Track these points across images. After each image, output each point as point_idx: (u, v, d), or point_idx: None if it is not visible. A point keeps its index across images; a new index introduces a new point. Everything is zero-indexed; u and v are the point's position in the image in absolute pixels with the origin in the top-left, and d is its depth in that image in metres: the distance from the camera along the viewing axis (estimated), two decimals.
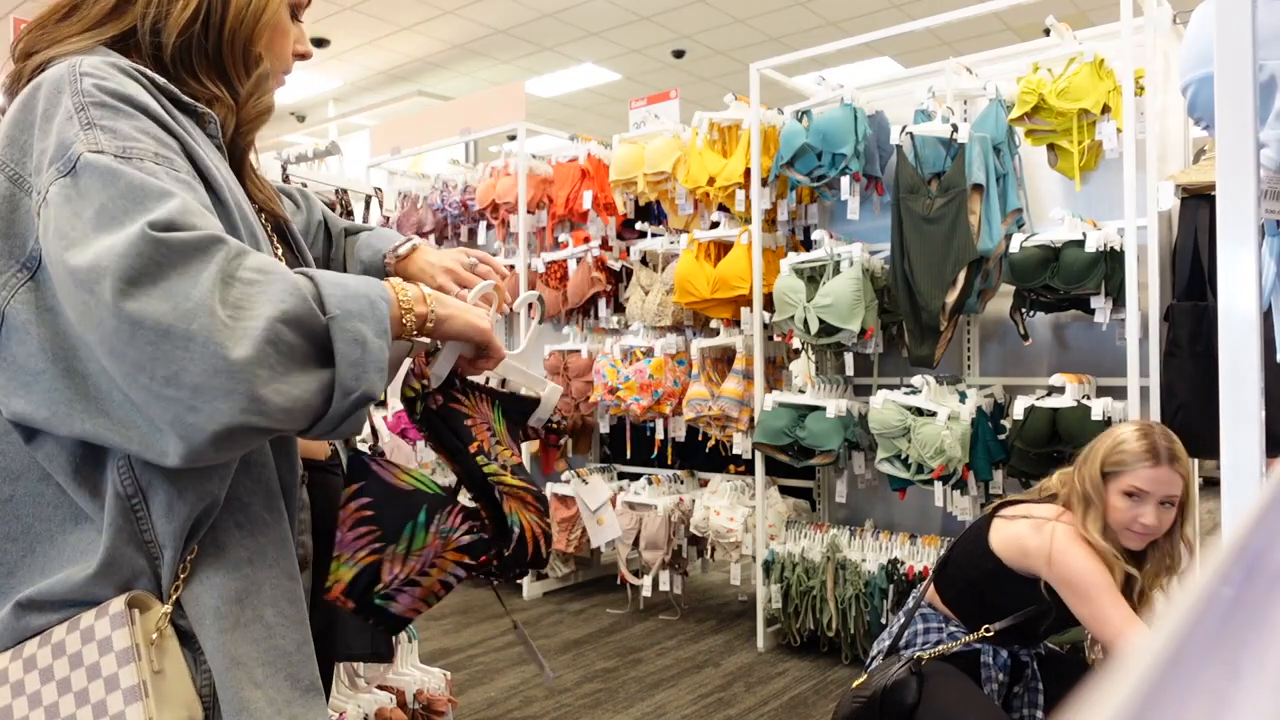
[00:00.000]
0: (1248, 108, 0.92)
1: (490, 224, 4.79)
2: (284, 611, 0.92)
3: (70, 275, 0.78)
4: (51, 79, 0.87)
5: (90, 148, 0.81)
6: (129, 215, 0.78)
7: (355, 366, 0.83)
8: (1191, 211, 2.84)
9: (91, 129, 0.82)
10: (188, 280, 0.77)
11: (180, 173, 0.85)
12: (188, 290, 0.76)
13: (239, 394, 0.76)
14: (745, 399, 3.77)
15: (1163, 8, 3.09)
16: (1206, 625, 0.31)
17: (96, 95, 0.85)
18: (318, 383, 0.81)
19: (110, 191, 0.79)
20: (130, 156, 0.82)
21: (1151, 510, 1.83)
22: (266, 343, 0.77)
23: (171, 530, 0.87)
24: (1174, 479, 1.84)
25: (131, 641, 0.82)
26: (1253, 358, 0.92)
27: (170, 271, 0.77)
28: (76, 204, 0.80)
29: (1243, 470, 0.91)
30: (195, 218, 0.80)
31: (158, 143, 0.85)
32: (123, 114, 0.85)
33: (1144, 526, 1.84)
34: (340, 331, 0.82)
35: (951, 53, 3.58)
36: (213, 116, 0.97)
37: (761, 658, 3.60)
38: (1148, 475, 1.83)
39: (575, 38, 7.70)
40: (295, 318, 0.80)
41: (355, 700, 2.38)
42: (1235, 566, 0.35)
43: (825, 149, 3.40)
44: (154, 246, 0.76)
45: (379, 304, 0.87)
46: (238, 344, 0.76)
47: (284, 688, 0.90)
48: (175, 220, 0.78)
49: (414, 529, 1.02)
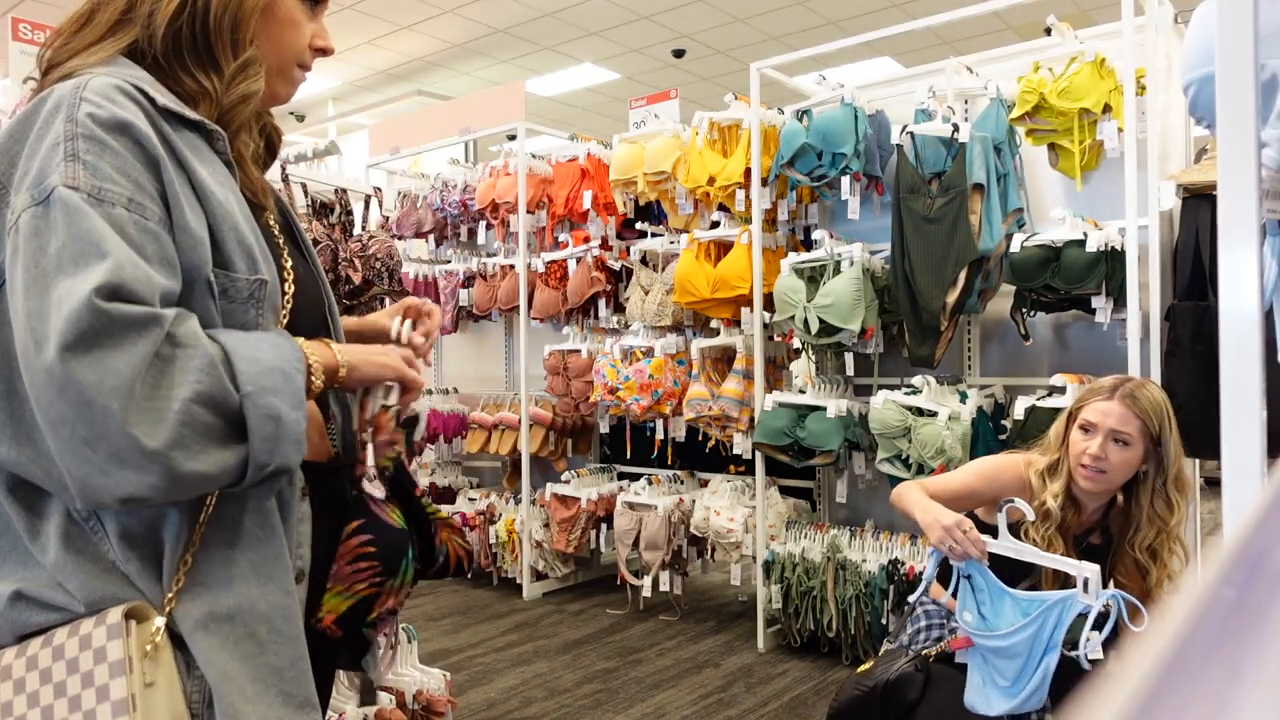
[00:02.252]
0: (1249, 107, 0.92)
1: (490, 224, 4.79)
2: (277, 628, 0.92)
3: (24, 313, 0.81)
4: (57, 97, 0.88)
5: (66, 182, 0.83)
6: (81, 267, 0.80)
7: (269, 442, 0.85)
8: (1193, 211, 2.83)
9: (73, 162, 0.84)
10: (119, 356, 0.79)
11: (150, 220, 0.86)
12: (118, 367, 0.79)
13: (153, 473, 0.80)
14: (745, 399, 3.77)
15: (1164, 7, 3.08)
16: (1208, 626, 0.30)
17: (88, 126, 0.85)
18: (234, 459, 0.84)
19: (72, 232, 0.81)
20: (103, 199, 0.83)
21: (1099, 442, 1.83)
22: (182, 425, 0.81)
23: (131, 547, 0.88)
24: (1126, 415, 1.83)
25: (125, 653, 0.84)
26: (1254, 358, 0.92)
27: (106, 341, 0.79)
28: (44, 237, 0.82)
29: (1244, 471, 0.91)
30: (141, 286, 0.82)
31: (135, 186, 0.86)
32: (109, 150, 0.85)
33: (1091, 458, 1.83)
34: (254, 409, 0.85)
35: (952, 52, 3.58)
36: (221, 134, 0.97)
37: (762, 658, 3.60)
38: (1100, 406, 1.86)
39: (575, 37, 7.70)
40: (209, 397, 0.82)
41: (355, 700, 2.37)
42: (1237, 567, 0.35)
43: (825, 149, 3.40)
44: (95, 315, 0.79)
45: (294, 376, 0.90)
46: (154, 429, 0.79)
47: (275, 704, 0.91)
48: (121, 287, 0.80)
49: (406, 565, 1.12)
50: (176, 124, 0.93)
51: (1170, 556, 1.88)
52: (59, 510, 0.88)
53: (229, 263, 0.93)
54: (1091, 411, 1.87)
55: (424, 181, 5.23)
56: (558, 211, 4.46)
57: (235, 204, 0.96)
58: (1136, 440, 1.84)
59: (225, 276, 0.92)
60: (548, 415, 4.56)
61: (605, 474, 4.61)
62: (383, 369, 1.03)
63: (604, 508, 4.31)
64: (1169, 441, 1.85)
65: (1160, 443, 1.86)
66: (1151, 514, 1.87)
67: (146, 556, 0.89)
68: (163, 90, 0.94)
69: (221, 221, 0.92)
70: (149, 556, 0.89)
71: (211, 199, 0.92)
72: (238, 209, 0.96)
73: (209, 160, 0.95)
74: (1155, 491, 1.87)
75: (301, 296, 1.06)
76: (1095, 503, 1.93)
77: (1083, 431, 1.87)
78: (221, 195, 0.93)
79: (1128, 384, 1.89)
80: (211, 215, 0.91)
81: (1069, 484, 1.89)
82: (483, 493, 4.90)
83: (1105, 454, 1.83)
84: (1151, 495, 1.87)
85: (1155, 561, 1.87)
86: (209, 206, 0.91)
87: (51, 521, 0.88)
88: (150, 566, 0.89)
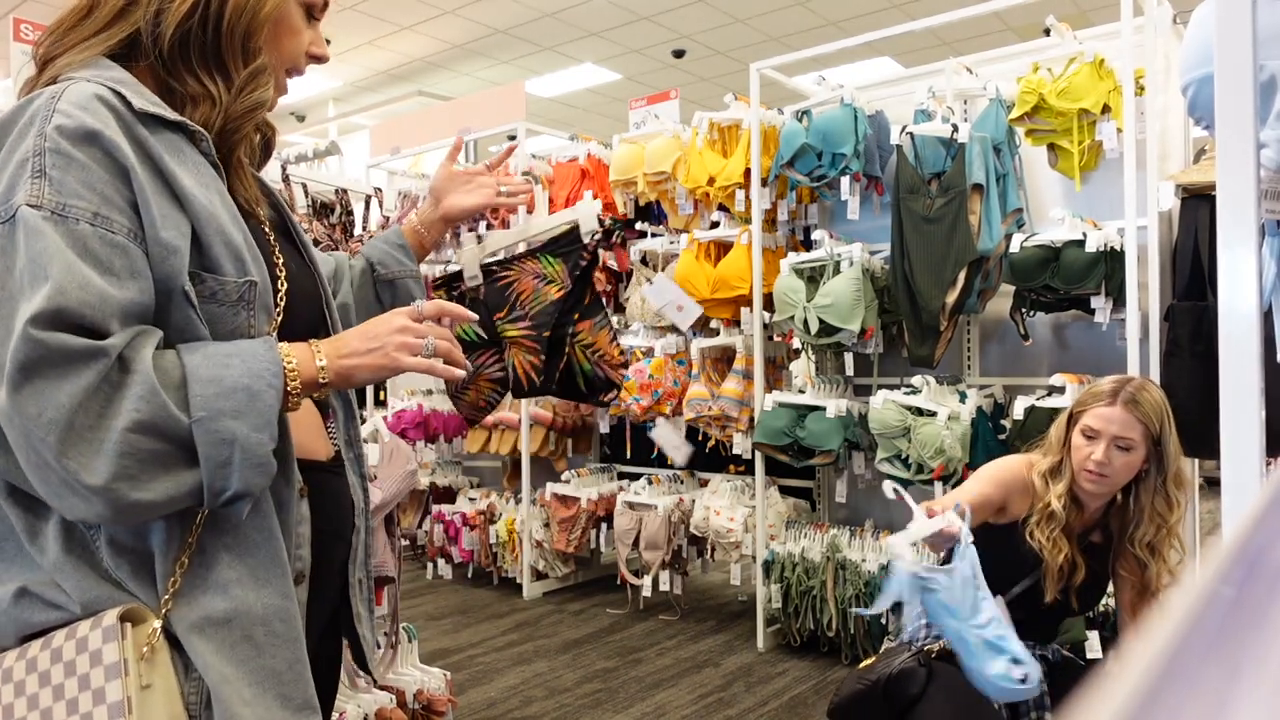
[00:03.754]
0: (1248, 107, 0.92)
1: (490, 224, 4.79)
2: (274, 630, 0.92)
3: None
4: (33, 110, 0.87)
5: (29, 200, 0.82)
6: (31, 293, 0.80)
7: (224, 468, 0.84)
8: (1192, 211, 2.83)
9: (40, 178, 0.83)
10: (60, 387, 0.79)
11: (117, 234, 0.85)
12: (57, 399, 0.78)
13: (98, 504, 0.80)
14: (745, 399, 3.77)
15: (1163, 7, 3.08)
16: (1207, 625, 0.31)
17: (55, 140, 0.84)
18: (186, 485, 0.83)
19: (30, 254, 0.81)
20: (66, 215, 0.82)
21: (1102, 449, 1.84)
22: (121, 455, 0.79)
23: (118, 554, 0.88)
24: (1128, 420, 1.84)
25: (120, 656, 0.84)
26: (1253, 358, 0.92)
27: (47, 372, 0.79)
28: (9, 257, 0.82)
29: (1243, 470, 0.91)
30: (89, 310, 0.81)
31: (101, 199, 0.85)
32: (74, 164, 0.84)
33: (1095, 464, 1.84)
34: (204, 434, 0.83)
35: (951, 53, 3.58)
36: (205, 135, 0.96)
37: (761, 658, 3.60)
38: (1102, 413, 1.86)
39: (575, 38, 7.69)
40: (150, 425, 0.81)
41: (355, 700, 2.38)
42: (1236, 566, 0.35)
43: (825, 149, 3.40)
44: (31, 345, 0.78)
45: (263, 393, 0.86)
46: (92, 463, 0.79)
47: (274, 707, 0.90)
48: (62, 313, 0.79)
49: None
50: (155, 126, 0.92)
51: (1170, 551, 1.89)
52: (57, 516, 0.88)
53: (216, 266, 0.91)
54: (1094, 418, 1.87)
55: (424, 182, 5.23)
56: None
57: (221, 205, 0.94)
58: (1139, 444, 1.85)
59: (214, 280, 0.91)
60: (548, 415, 4.56)
61: (605, 474, 4.61)
62: (381, 371, 0.98)
63: (604, 507, 4.31)
64: (1168, 441, 1.87)
65: (1160, 443, 1.86)
66: (1152, 512, 1.88)
67: (136, 563, 0.89)
68: (143, 91, 0.93)
69: (206, 225, 0.91)
70: (138, 563, 0.89)
71: (194, 203, 0.90)
72: (224, 210, 0.95)
73: (191, 162, 0.94)
74: (1155, 490, 1.88)
75: (296, 294, 1.05)
76: (1097, 502, 1.94)
77: (1085, 437, 1.88)
78: (205, 198, 0.92)
79: (1128, 387, 1.89)
80: (195, 219, 0.90)
81: (1071, 485, 1.90)
82: (483, 492, 4.90)
83: (1109, 459, 1.84)
84: (1152, 494, 1.88)
85: (1154, 556, 1.89)
86: (192, 210, 0.90)
87: (50, 523, 0.89)
88: (142, 572, 0.89)
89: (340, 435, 1.16)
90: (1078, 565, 1.88)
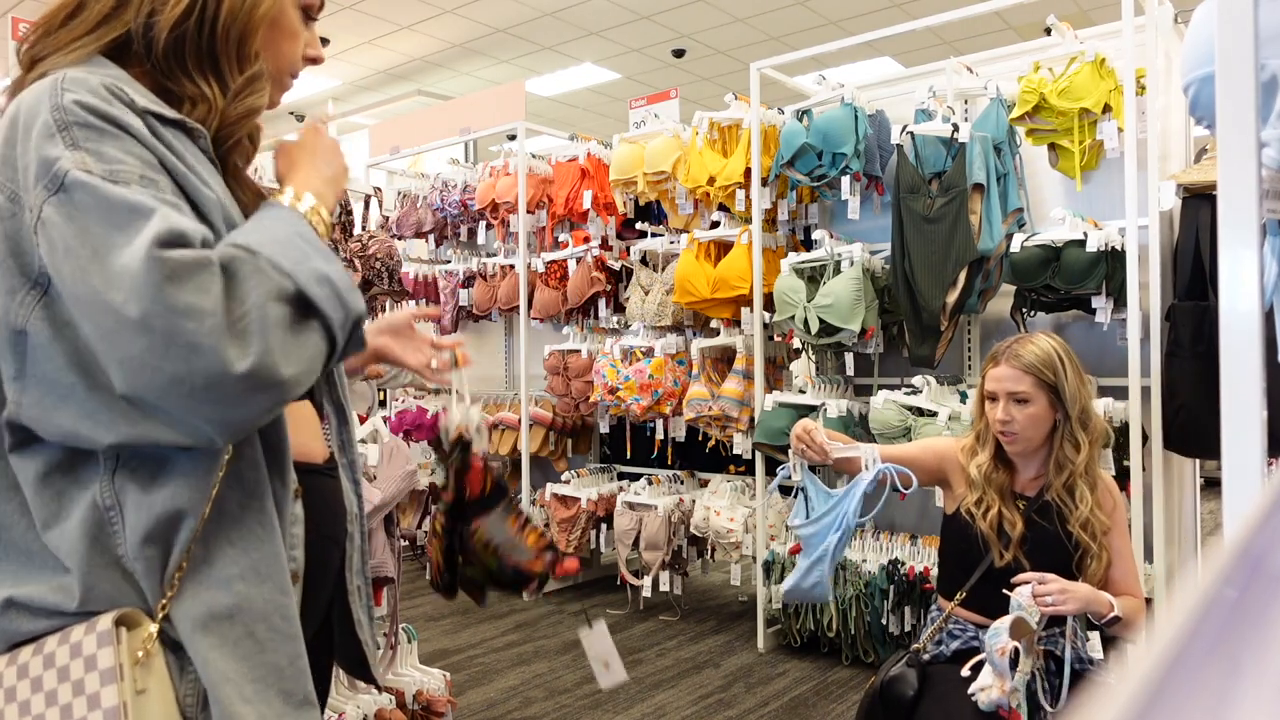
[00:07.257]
0: (1249, 107, 0.92)
1: (490, 224, 4.79)
2: (276, 626, 0.92)
3: (90, 294, 0.79)
4: (33, 95, 0.86)
5: (78, 166, 0.81)
6: (132, 232, 0.79)
7: (334, 300, 0.87)
8: (1193, 211, 2.83)
9: (77, 150, 0.82)
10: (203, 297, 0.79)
11: (166, 194, 0.85)
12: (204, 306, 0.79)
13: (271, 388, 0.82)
14: (745, 399, 3.77)
15: (1164, 7, 3.08)
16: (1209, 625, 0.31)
17: (79, 114, 0.84)
18: (313, 342, 0.86)
19: (106, 205, 0.80)
20: (118, 180, 0.82)
21: (1001, 407, 1.92)
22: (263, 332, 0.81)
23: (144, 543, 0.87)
24: (1015, 374, 1.91)
25: (115, 661, 0.83)
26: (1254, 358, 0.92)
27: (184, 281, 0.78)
28: (80, 221, 0.80)
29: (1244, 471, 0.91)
30: (191, 230, 0.82)
31: (143, 164, 0.85)
32: (108, 135, 0.84)
33: (1000, 423, 1.93)
34: (306, 279, 0.86)
35: (952, 52, 3.58)
36: (203, 132, 0.96)
37: (762, 658, 3.60)
38: (993, 373, 1.95)
39: (575, 37, 7.70)
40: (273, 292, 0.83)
41: (355, 701, 2.38)
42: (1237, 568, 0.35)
43: (825, 148, 3.40)
44: (161, 263, 0.78)
45: (307, 234, 0.91)
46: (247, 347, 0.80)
47: (275, 703, 0.90)
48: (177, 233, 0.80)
49: None
50: (155, 123, 0.91)
51: (1089, 492, 1.92)
52: (87, 502, 0.87)
53: None
54: (989, 380, 1.96)
55: (424, 181, 5.23)
56: (558, 211, 4.46)
57: (229, 200, 0.96)
58: (1035, 395, 1.91)
59: None
60: (548, 415, 4.56)
61: (605, 474, 4.61)
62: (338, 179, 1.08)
63: (604, 508, 4.31)
64: (1064, 386, 1.91)
65: (1058, 389, 1.91)
66: (1061, 456, 1.93)
67: (155, 556, 0.88)
68: (142, 90, 0.93)
69: (213, 210, 0.92)
70: (157, 555, 0.88)
71: (204, 196, 0.91)
72: (231, 204, 0.96)
73: (193, 158, 0.94)
74: (1065, 436, 1.93)
75: None
76: (1029, 460, 1.98)
77: (990, 400, 1.97)
78: (212, 192, 0.93)
79: (1014, 345, 1.96)
80: (206, 211, 0.91)
81: (996, 450, 1.98)
82: None
83: (1011, 415, 1.91)
84: (1062, 439, 1.93)
85: (1073, 498, 1.91)
86: (200, 202, 0.91)
87: (78, 509, 0.87)
88: (156, 566, 0.88)
89: (334, 440, 1.16)
90: (1012, 521, 1.91)
